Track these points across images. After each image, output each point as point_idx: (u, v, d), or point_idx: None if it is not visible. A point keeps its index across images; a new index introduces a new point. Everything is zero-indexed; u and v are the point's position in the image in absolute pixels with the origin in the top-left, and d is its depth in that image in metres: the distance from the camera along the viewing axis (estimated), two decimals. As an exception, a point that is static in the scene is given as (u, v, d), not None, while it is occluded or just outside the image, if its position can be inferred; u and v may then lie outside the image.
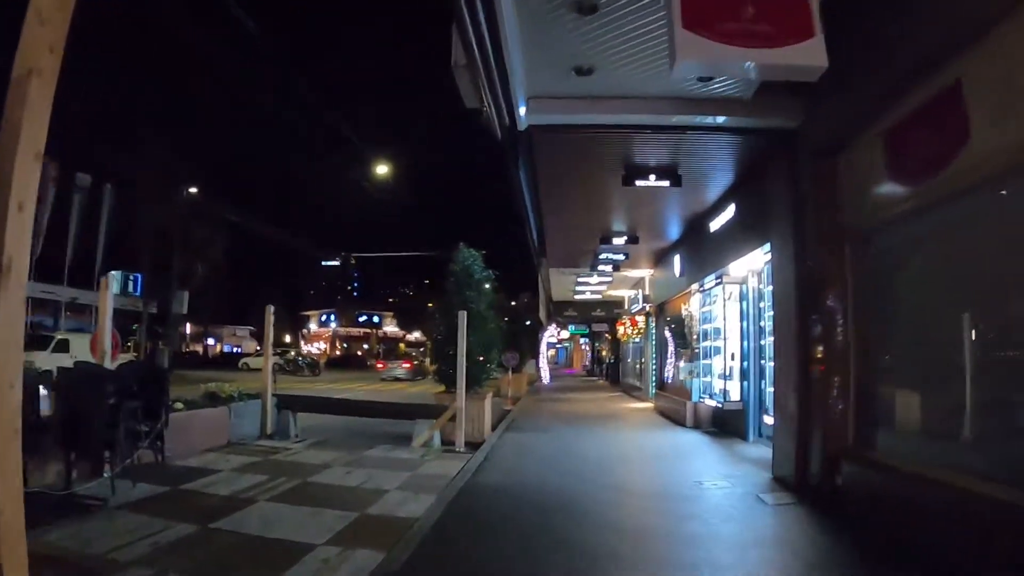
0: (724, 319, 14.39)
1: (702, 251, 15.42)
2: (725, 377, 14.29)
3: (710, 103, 9.17)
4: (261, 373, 14.13)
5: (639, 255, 20.19)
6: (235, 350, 73.04)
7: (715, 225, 13.94)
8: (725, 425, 14.95)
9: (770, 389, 11.95)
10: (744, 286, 14.20)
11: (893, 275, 8.10)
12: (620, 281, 26.33)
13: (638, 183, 11.13)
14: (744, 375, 14.00)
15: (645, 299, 24.07)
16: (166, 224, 39.12)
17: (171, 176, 38.11)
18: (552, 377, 43.50)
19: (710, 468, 10.94)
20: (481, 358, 14.82)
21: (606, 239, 16.44)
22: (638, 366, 29.15)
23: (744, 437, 13.72)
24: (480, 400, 14.38)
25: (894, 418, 7.87)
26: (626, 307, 30.65)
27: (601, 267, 20.59)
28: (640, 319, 26.57)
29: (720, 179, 12.12)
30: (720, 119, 9.31)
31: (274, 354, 44.89)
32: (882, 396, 8.14)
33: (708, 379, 15.88)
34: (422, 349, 43.42)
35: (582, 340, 62.72)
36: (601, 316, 36.30)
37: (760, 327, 13.72)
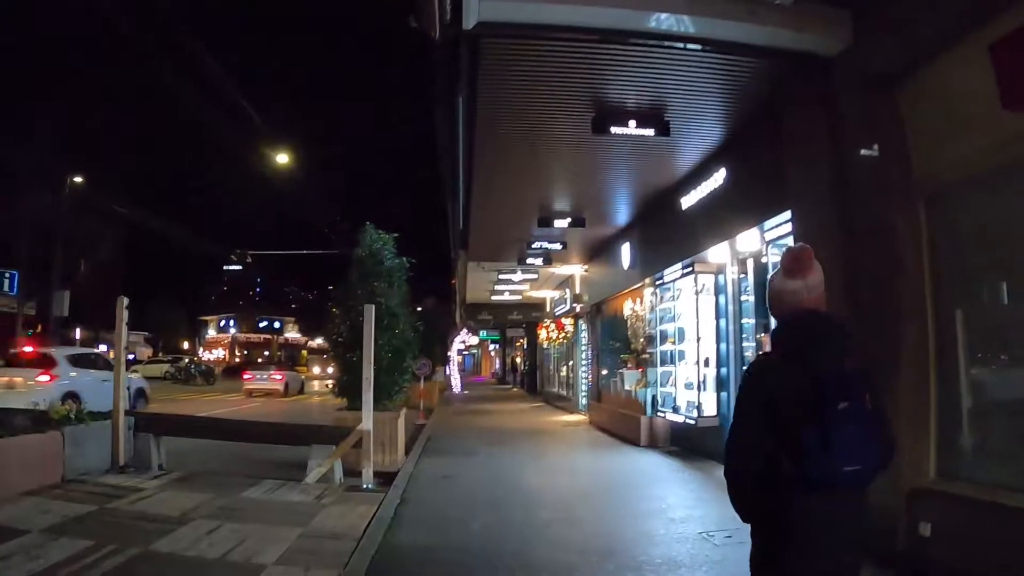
0: (696, 317, 11.74)
1: (665, 236, 12.75)
2: (698, 387, 11.63)
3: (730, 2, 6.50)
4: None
5: (570, 250, 17.52)
6: (130, 356, 66.98)
7: (690, 200, 11.30)
8: (691, 445, 12.37)
9: None
10: (721, 276, 11.61)
11: (992, 247, 5.83)
12: (544, 280, 23.70)
13: (614, 130, 8.36)
14: (722, 385, 11.41)
15: (575, 299, 21.36)
16: (47, 216, 34.47)
17: (55, 162, 33.57)
18: (462, 385, 40.76)
19: (704, 509, 8.28)
20: (392, 366, 11.74)
21: (546, 220, 13.58)
22: (563, 374, 26.52)
23: (721, 459, 11.07)
24: (392, 419, 11.34)
25: (991, 438, 5.83)
26: (549, 309, 28.05)
27: (531, 259, 17.77)
28: (568, 322, 23.94)
29: (710, 130, 9.45)
30: (739, 27, 6.62)
31: (166, 361, 41.24)
32: (977, 410, 5.92)
33: (669, 390, 13.23)
34: (326, 356, 39.40)
35: (491, 346, 60.22)
36: (518, 320, 33.69)
37: (744, 324, 11.17)
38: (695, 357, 11.94)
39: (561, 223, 13.67)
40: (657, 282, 13.57)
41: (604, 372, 18.46)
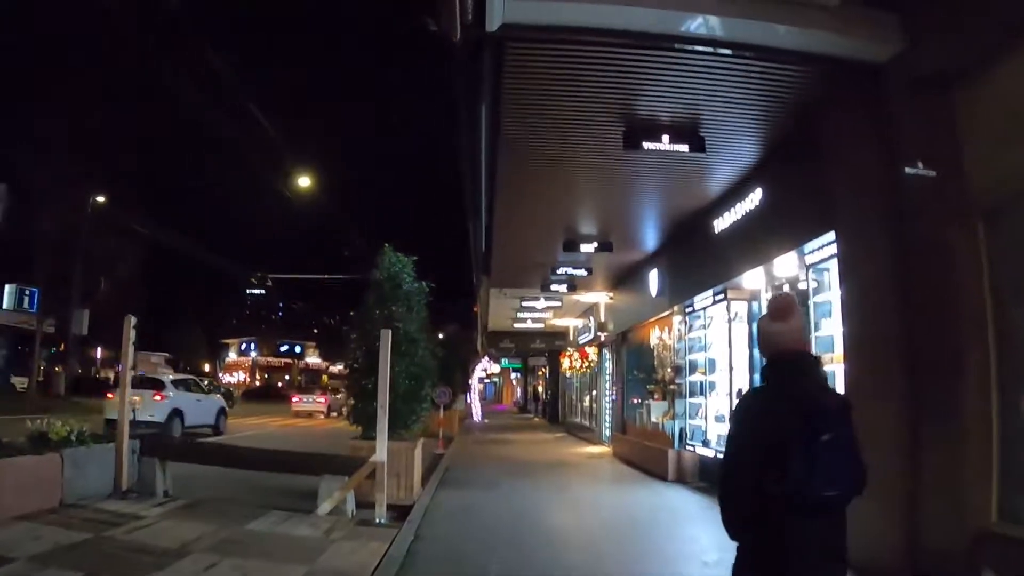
0: (729, 346, 11.17)
1: (696, 261, 12.21)
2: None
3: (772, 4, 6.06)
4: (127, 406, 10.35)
5: (595, 277, 16.98)
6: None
7: (723, 223, 10.76)
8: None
9: None
10: (755, 303, 11.05)
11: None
12: (568, 308, 23.15)
13: (646, 145, 7.87)
14: (755, 418, 10.77)
15: (599, 327, 20.80)
16: (68, 233, 34.36)
17: (78, 180, 33.51)
18: (483, 414, 40.10)
19: (733, 549, 7.58)
20: (410, 393, 11.22)
21: (571, 244, 13.06)
22: (586, 404, 25.87)
23: (755, 499, 10.46)
24: (408, 449, 10.80)
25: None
26: (572, 338, 27.49)
27: (555, 285, 17.25)
28: (591, 351, 23.36)
29: (747, 147, 8.93)
30: (782, 32, 6.16)
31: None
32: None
33: (698, 422, 12.62)
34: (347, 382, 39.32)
35: (513, 374, 59.54)
36: (540, 348, 33.06)
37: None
38: (727, 388, 11.35)
39: (587, 247, 13.15)
40: (687, 310, 13.02)
41: (630, 403, 17.83)
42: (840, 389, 8.08)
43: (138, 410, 17.08)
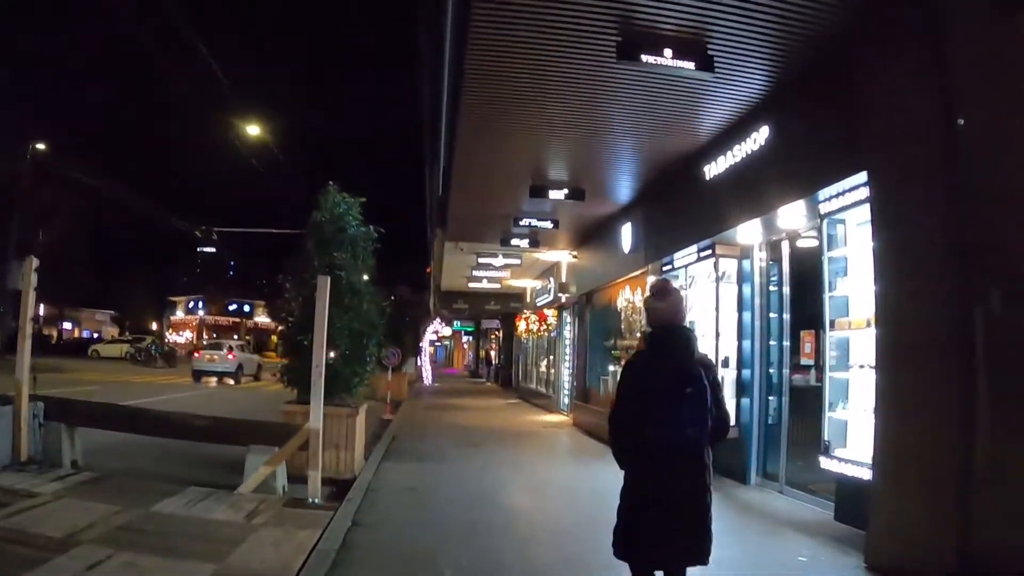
0: (716, 309, 9.92)
1: (679, 213, 10.87)
2: (715, 392, 9.84)
3: None
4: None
5: (560, 232, 15.62)
6: (95, 335, 66.46)
7: (716, 168, 9.45)
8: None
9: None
10: (747, 261, 9.81)
11: None
12: (527, 267, 21.81)
13: (645, 59, 6.49)
14: (743, 390, 9.61)
15: (560, 288, 19.46)
16: (4, 183, 31.95)
17: (14, 127, 31.10)
18: (433, 377, 38.89)
19: (738, 546, 6.44)
20: (353, 352, 9.78)
21: (539, 190, 11.61)
22: (542, 369, 24.68)
23: (741, 478, 9.42)
24: (350, 415, 9.40)
25: None
26: (529, 300, 26.21)
27: (516, 240, 15.90)
28: (551, 313, 22.08)
29: (758, 72, 7.54)
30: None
31: (127, 341, 39.32)
32: None
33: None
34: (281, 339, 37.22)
35: (465, 338, 58.27)
36: (495, 311, 31.75)
37: (772, 319, 9.40)
38: (710, 356, 10.12)
39: (556, 194, 11.72)
40: (664, 268, 11.72)
41: (593, 370, 16.58)
42: (860, 358, 6.97)
43: (217, 363, 28.31)
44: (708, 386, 3.84)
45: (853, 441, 7.10)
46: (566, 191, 11.74)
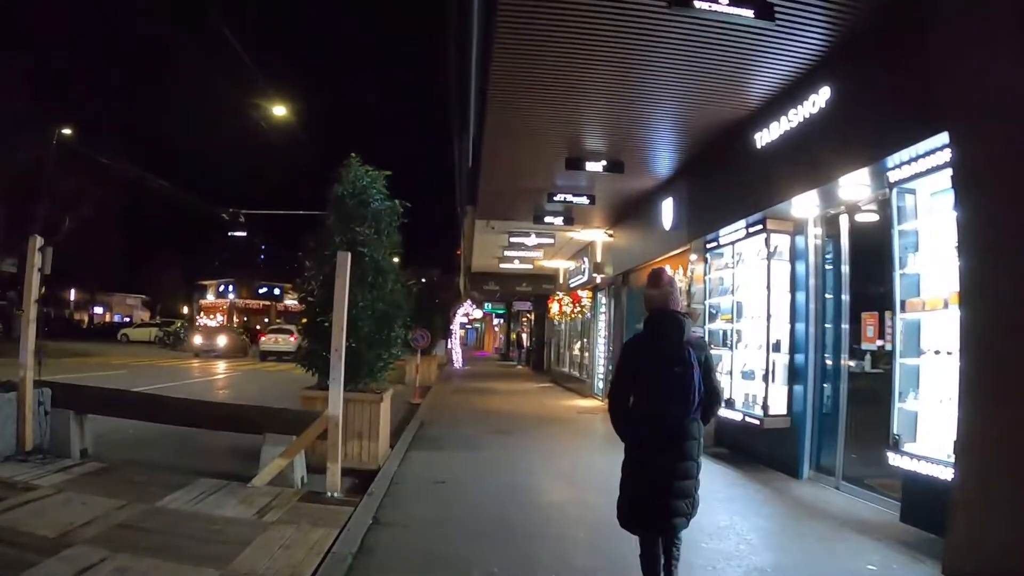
0: (767, 288, 9.19)
1: (726, 186, 10.11)
2: (767, 377, 9.11)
3: None
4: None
5: (595, 209, 14.89)
6: (126, 319, 67.22)
7: (769, 135, 8.70)
8: (745, 447, 9.89)
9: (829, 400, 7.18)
10: (800, 237, 9.07)
11: None
12: (560, 247, 21.07)
13: (699, 4, 5.79)
14: (796, 376, 8.91)
15: (595, 269, 18.70)
16: (31, 168, 31.79)
17: (41, 112, 30.89)
18: (464, 360, 38.48)
19: (799, 552, 5.96)
20: (376, 335, 9.19)
21: (576, 162, 10.90)
22: (575, 352, 24.01)
23: (792, 471, 8.77)
24: (373, 403, 8.83)
25: None
26: (562, 281, 25.47)
27: (549, 217, 15.21)
28: (585, 295, 21.37)
29: (820, 24, 6.81)
30: None
31: (155, 325, 39.58)
32: None
33: (717, 377, 10.73)
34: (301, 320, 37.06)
35: (496, 320, 57.75)
36: (526, 292, 31.02)
37: (828, 300, 8.74)
38: (760, 339, 9.43)
39: (594, 166, 10.98)
40: (708, 245, 10.99)
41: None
42: (934, 342, 6.24)
43: (281, 345, 31.74)
44: (698, 365, 4.21)
45: (924, 435, 6.42)
46: (604, 163, 11.01)
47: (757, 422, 9.05)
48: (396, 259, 10.01)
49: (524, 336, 40.86)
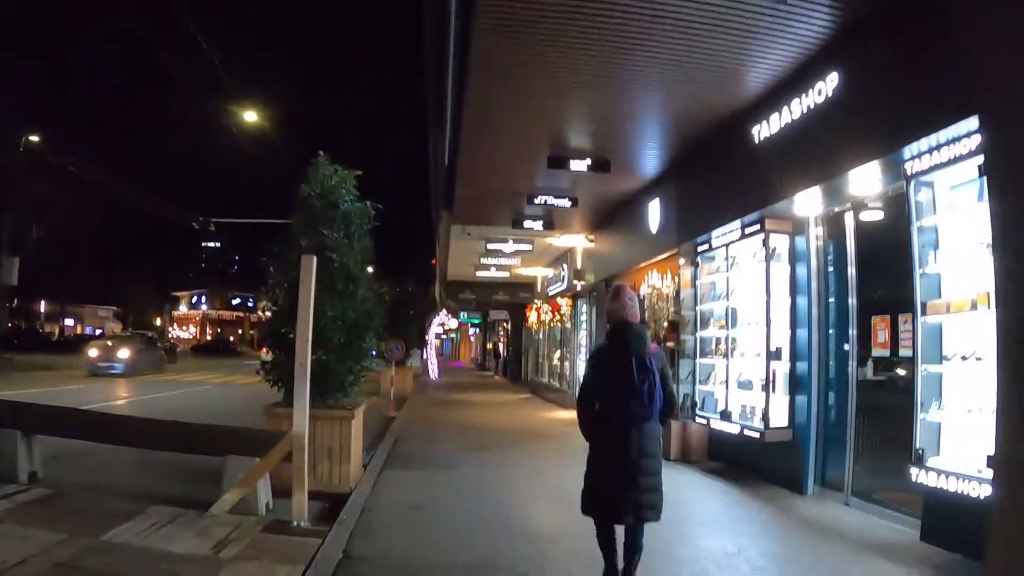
0: (766, 292, 8.62)
1: (720, 184, 9.53)
2: (767, 387, 8.52)
3: None
4: None
5: (577, 213, 14.32)
6: (98, 332, 65.30)
7: (768, 129, 8.13)
8: (742, 462, 9.33)
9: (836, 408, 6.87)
10: (801, 237, 8.51)
11: None
12: (539, 254, 20.47)
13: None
14: (799, 385, 8.35)
15: (575, 275, 18.11)
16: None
17: (6, 117, 29.87)
18: (440, 371, 37.66)
19: (806, 572, 5.56)
20: (347, 346, 8.46)
21: (559, 160, 10.27)
22: (555, 362, 23.37)
23: (795, 487, 8.19)
24: (344, 420, 8.11)
25: None
26: (540, 289, 24.90)
27: (529, 222, 14.61)
28: (564, 303, 20.76)
29: (824, 10, 6.26)
30: None
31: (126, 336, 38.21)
32: None
33: (710, 388, 10.13)
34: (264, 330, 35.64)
35: (471, 330, 57.06)
36: (503, 301, 30.35)
37: (831, 304, 8.19)
38: (759, 346, 8.86)
39: (578, 165, 10.35)
40: (699, 248, 10.41)
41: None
42: (959, 347, 5.68)
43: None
44: (656, 373, 4.65)
45: (950, 448, 5.86)
46: (589, 161, 10.39)
47: (757, 435, 8.46)
48: (368, 265, 9.29)
49: (501, 346, 40.18)
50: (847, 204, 7.67)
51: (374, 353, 9.52)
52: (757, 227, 8.69)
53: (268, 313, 8.82)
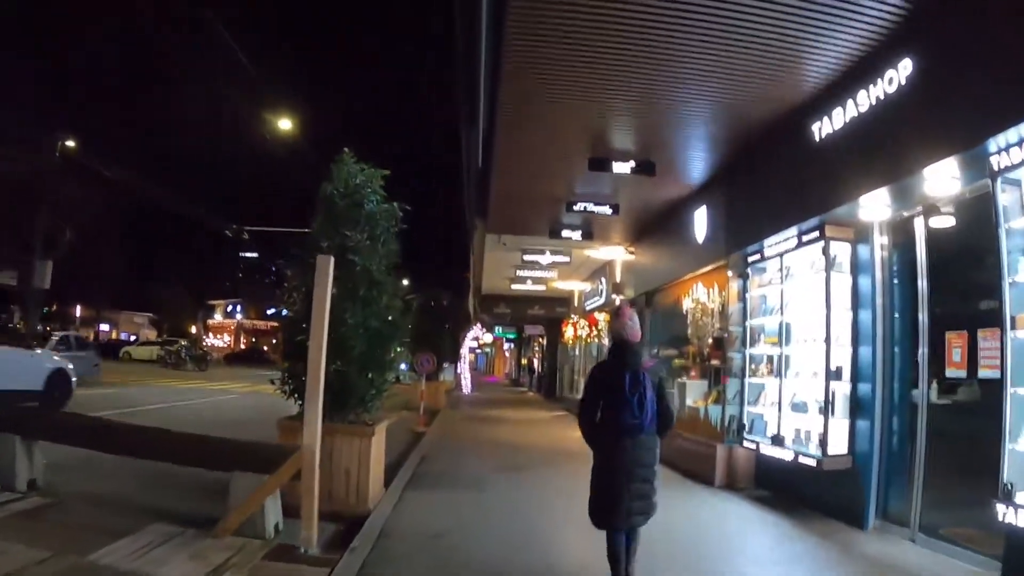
0: (826, 306, 7.86)
1: (773, 188, 8.82)
2: (825, 410, 7.74)
3: None
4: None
5: (617, 222, 13.67)
6: (133, 338, 65.87)
7: (830, 124, 7.41)
8: (795, 492, 8.55)
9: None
10: (864, 246, 7.76)
11: None
12: (577, 267, 19.82)
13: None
14: (860, 409, 7.59)
15: (614, 289, 17.39)
16: (27, 178, 30.78)
17: (41, 122, 30.04)
18: (473, 386, 37.13)
19: None
20: (369, 356, 7.86)
21: (600, 162, 9.63)
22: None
23: (854, 520, 7.41)
24: (363, 437, 7.50)
25: None
26: (576, 304, 24.21)
27: (567, 231, 13.96)
28: (602, 317, 20.05)
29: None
30: None
31: (158, 343, 38.23)
32: None
33: (760, 409, 9.39)
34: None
35: (506, 345, 56.43)
36: (538, 316, 29.69)
37: (898, 319, 7.45)
38: (814, 366, 8.13)
39: (621, 167, 9.67)
40: (751, 259, 9.69)
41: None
42: None
43: None
44: (651, 388, 4.94)
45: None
46: (633, 164, 9.70)
47: (813, 463, 7.70)
48: (394, 270, 8.71)
49: (536, 361, 39.50)
50: (917, 208, 6.94)
51: (405, 367, 8.90)
52: (816, 234, 7.97)
53: (283, 321, 8.26)
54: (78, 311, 62.27)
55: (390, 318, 8.06)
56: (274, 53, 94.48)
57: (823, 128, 7.50)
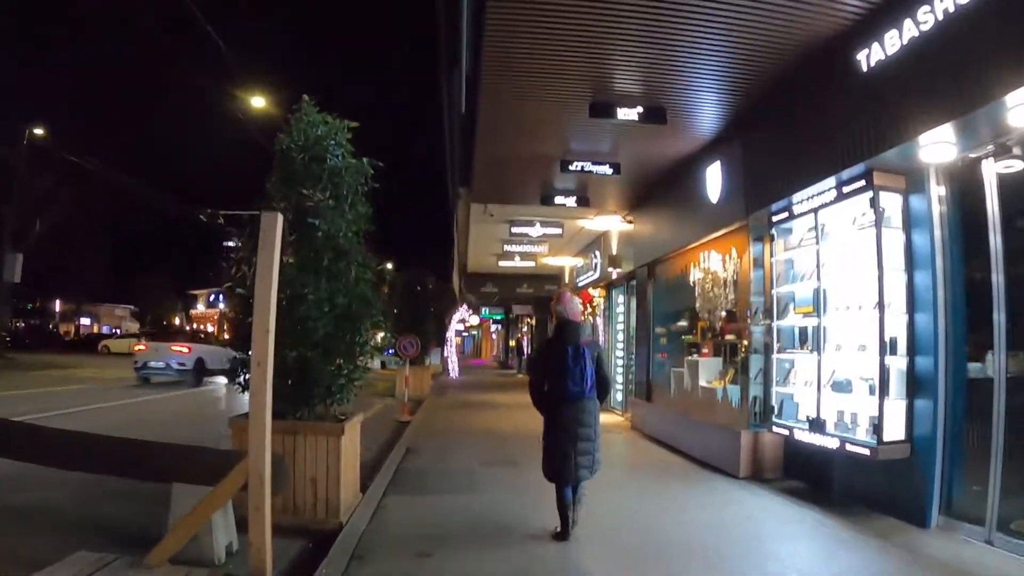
0: (879, 266, 6.66)
1: (810, 131, 7.50)
2: (879, 390, 6.56)
3: None
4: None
5: (617, 186, 12.44)
6: (115, 331, 66.08)
7: (882, 51, 6.15)
8: (835, 484, 7.43)
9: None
10: (920, 197, 6.57)
11: None
12: (569, 240, 18.55)
13: None
14: (920, 388, 6.44)
15: (610, 262, 16.14)
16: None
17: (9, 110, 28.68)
18: (460, 370, 35.99)
19: None
20: (334, 340, 6.61)
21: (604, 107, 8.28)
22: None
23: (914, 518, 6.33)
24: (332, 436, 6.27)
25: None
26: (568, 280, 22.99)
27: (561, 197, 12.71)
28: (596, 293, 18.83)
29: None
30: None
31: (136, 336, 37.02)
32: None
33: (790, 389, 8.22)
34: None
35: (493, 327, 55.21)
36: (528, 294, 28.41)
37: (976, 281, 6.15)
38: (860, 338, 6.96)
39: (627, 113, 8.36)
40: (776, 218, 8.49)
41: (657, 359, 13.31)
42: None
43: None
44: (591, 359, 5.90)
45: None
46: (640, 110, 8.38)
47: (866, 451, 6.53)
48: (376, 249, 7.45)
49: (525, 342, 38.30)
50: (987, 148, 5.76)
51: (390, 352, 7.63)
52: (862, 183, 6.76)
53: (231, 299, 6.97)
54: (57, 305, 61.05)
55: (361, 293, 6.79)
56: (248, 28, 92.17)
57: (872, 55, 6.24)
